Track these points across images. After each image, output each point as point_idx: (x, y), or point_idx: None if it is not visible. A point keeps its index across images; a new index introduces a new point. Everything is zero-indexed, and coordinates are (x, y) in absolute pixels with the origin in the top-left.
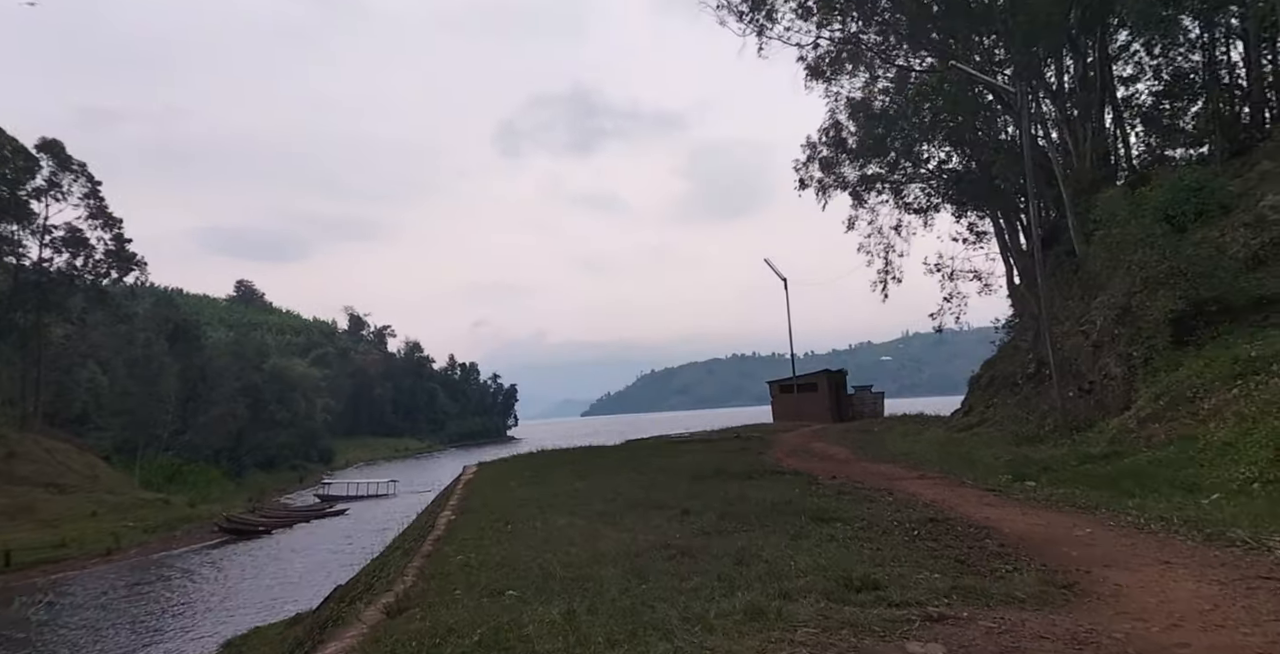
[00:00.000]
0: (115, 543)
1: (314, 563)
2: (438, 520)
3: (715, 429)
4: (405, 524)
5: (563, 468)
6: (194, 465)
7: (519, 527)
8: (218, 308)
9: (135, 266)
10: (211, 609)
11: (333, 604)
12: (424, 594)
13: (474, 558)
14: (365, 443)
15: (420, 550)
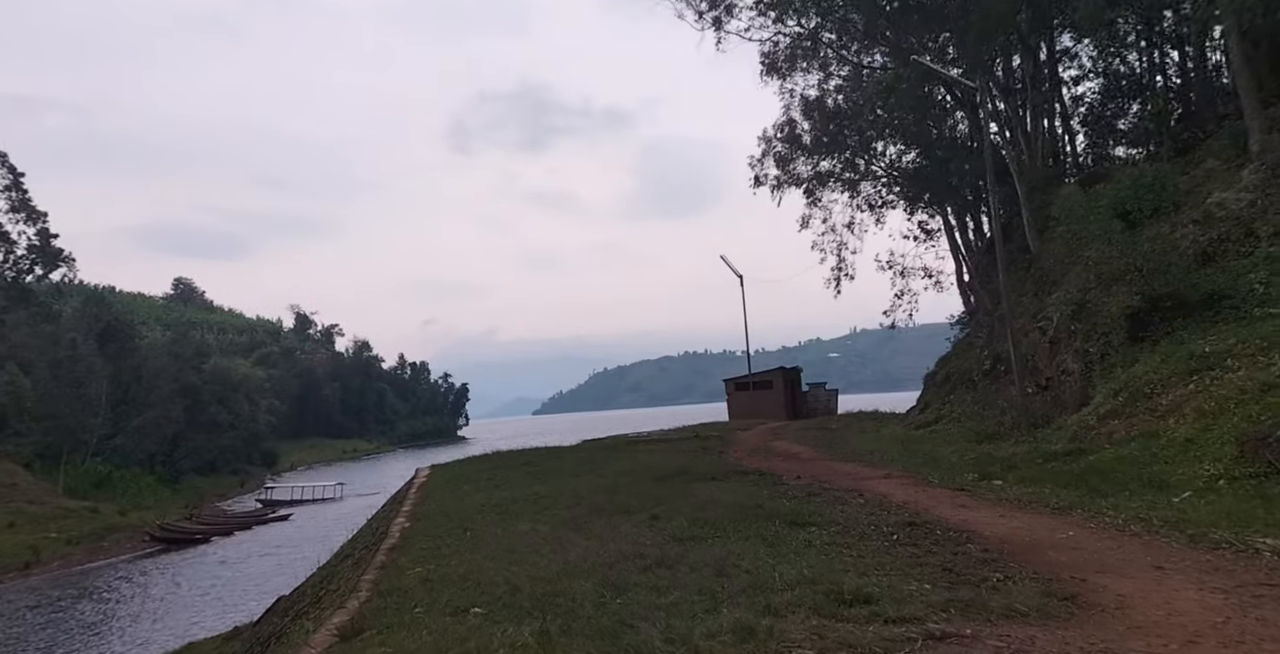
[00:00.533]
0: (34, 556)
1: (255, 572)
2: (391, 527)
3: (672, 428)
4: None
5: (519, 470)
6: (125, 471)
7: (479, 534)
8: (154, 307)
9: (62, 263)
10: (139, 623)
11: (275, 617)
12: (380, 613)
13: (433, 571)
14: (312, 445)
15: (373, 562)
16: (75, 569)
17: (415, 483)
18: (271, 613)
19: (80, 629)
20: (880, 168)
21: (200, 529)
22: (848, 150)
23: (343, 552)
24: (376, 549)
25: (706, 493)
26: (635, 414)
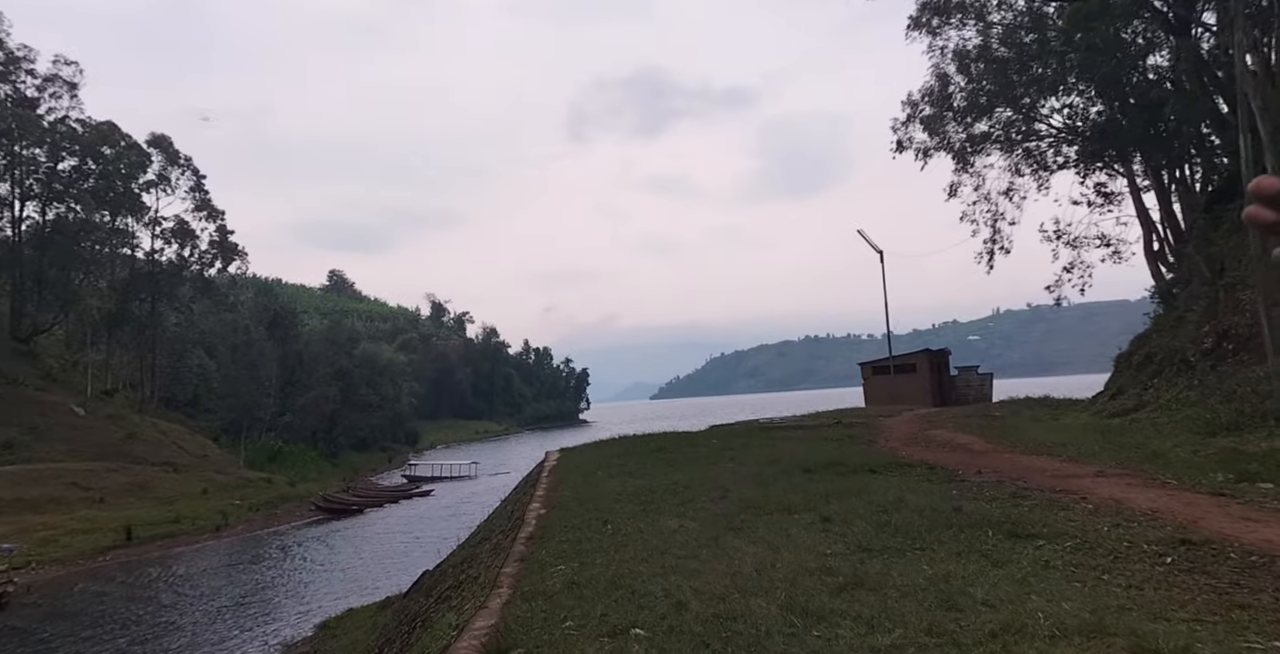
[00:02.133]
0: (224, 520)
1: (404, 543)
2: (526, 514)
3: (805, 414)
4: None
5: (652, 457)
6: (293, 446)
7: (622, 529)
8: (313, 296)
9: (237, 257)
10: (309, 586)
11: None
12: (526, 624)
13: (578, 571)
14: (447, 425)
15: (512, 551)
16: (257, 533)
17: (546, 467)
18: (418, 588)
19: (261, 588)
20: (1051, 124)
21: (356, 501)
22: (1012, 106)
23: (479, 533)
24: (514, 537)
25: (880, 490)
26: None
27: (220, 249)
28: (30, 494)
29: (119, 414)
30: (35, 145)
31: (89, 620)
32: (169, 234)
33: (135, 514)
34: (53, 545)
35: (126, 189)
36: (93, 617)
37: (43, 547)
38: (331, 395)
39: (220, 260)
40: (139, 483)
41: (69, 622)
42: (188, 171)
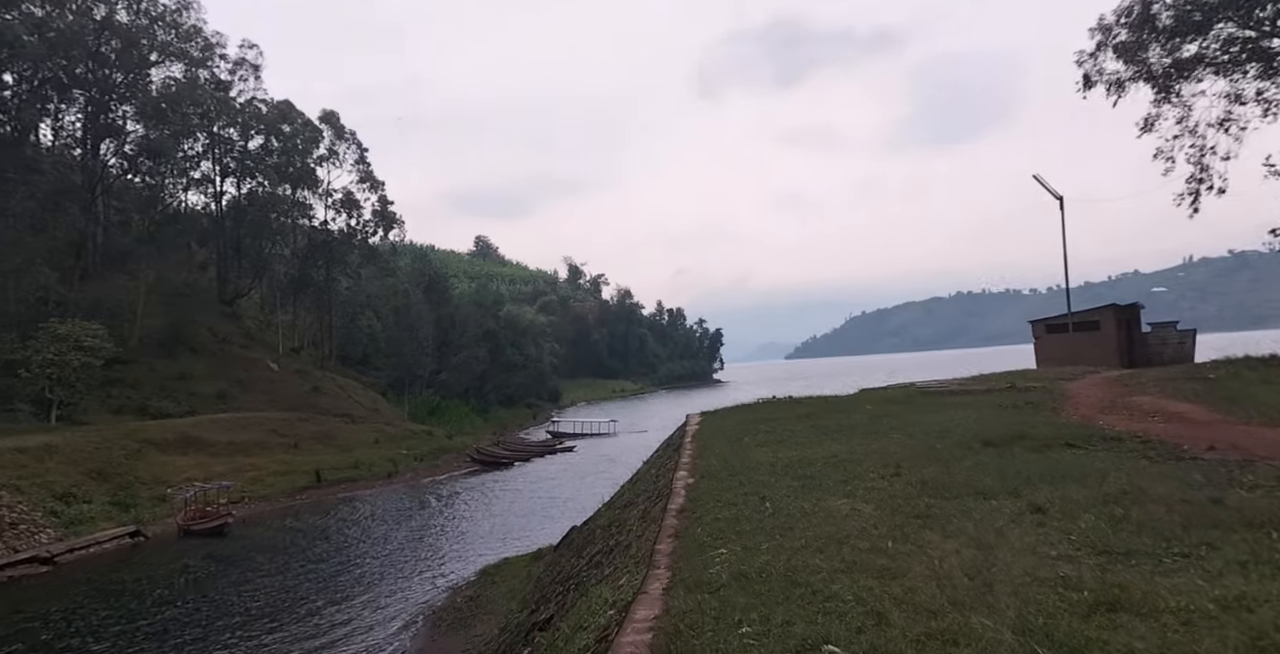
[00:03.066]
0: (394, 468)
1: (551, 497)
2: (674, 483)
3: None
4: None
5: (800, 423)
6: (449, 402)
7: (783, 508)
8: (461, 262)
9: (396, 225)
10: (467, 533)
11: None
12: (696, 627)
13: (743, 558)
14: (585, 384)
15: (664, 525)
16: (422, 481)
17: (688, 431)
18: (566, 543)
19: (427, 531)
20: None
21: (506, 454)
22: (1239, 20)
23: (623, 495)
24: (663, 508)
25: (1096, 471)
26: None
27: (381, 218)
28: (240, 438)
29: (305, 370)
30: (230, 126)
31: (289, 551)
32: (338, 205)
33: (322, 459)
34: (259, 484)
35: (304, 164)
36: (292, 548)
37: (251, 485)
38: (481, 355)
39: (381, 229)
40: (324, 432)
41: (273, 551)
42: (352, 145)
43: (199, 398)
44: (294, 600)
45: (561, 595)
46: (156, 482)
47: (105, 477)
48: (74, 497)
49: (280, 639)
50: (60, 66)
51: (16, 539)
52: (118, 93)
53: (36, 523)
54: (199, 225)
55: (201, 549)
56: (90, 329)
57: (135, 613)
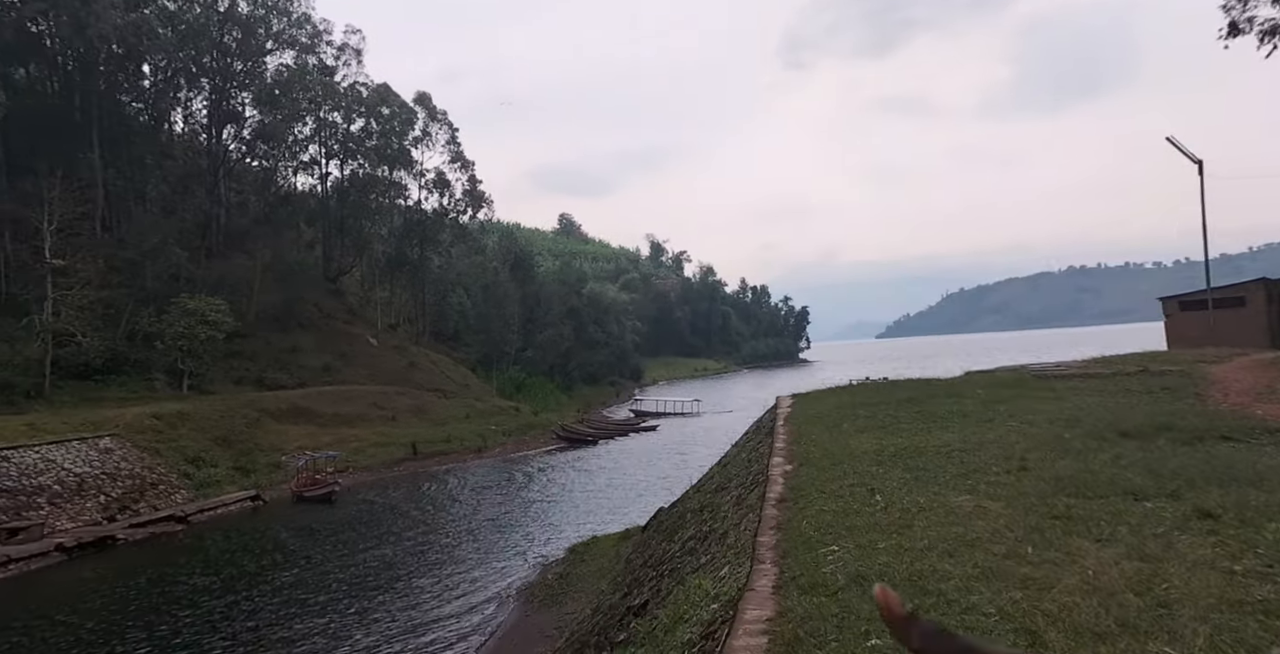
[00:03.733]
0: (483, 443)
1: (636, 476)
2: (770, 470)
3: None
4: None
5: (903, 408)
6: (534, 378)
7: (896, 503)
8: (545, 240)
9: (484, 204)
10: (554, 509)
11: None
12: (819, 635)
13: (858, 558)
14: (667, 362)
15: (764, 515)
16: (510, 456)
17: (780, 414)
18: (655, 525)
19: (517, 505)
20: None
21: (591, 432)
22: None
23: (713, 479)
24: (761, 496)
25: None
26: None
27: (470, 197)
28: (343, 410)
29: (401, 345)
30: (335, 109)
31: (388, 521)
32: (431, 185)
33: (417, 432)
34: (360, 454)
35: (400, 145)
36: (391, 518)
37: (354, 455)
38: (565, 333)
39: (471, 208)
40: (419, 405)
41: (374, 520)
42: (444, 126)
43: (307, 370)
44: (394, 569)
45: (655, 581)
46: (272, 449)
47: (228, 443)
48: (203, 461)
49: (383, 605)
50: (190, 57)
51: (157, 498)
52: (238, 80)
53: (172, 484)
54: (307, 206)
55: (311, 515)
56: (215, 304)
57: (256, 573)
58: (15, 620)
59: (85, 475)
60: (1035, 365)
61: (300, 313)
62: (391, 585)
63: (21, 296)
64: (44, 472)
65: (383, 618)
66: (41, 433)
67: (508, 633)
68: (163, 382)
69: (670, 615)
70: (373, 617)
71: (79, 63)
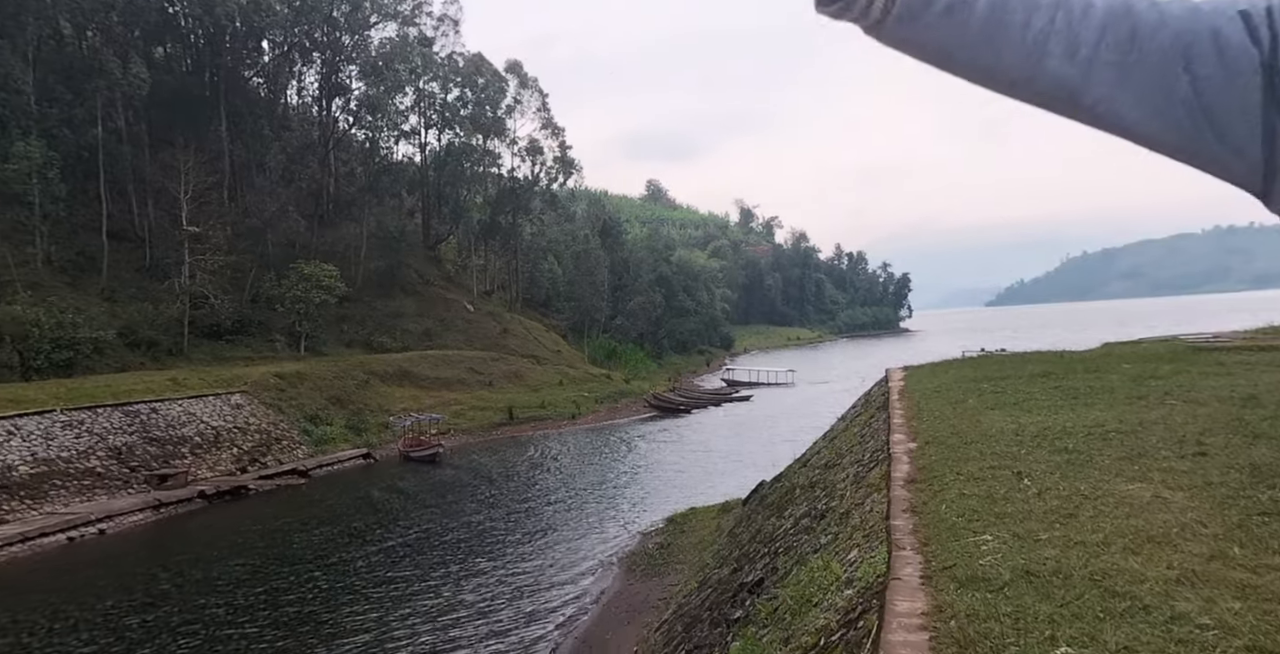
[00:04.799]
0: (577, 409)
1: (731, 447)
2: (891, 447)
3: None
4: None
5: (1036, 383)
6: (624, 346)
7: (1049, 489)
8: (633, 206)
9: (574, 171)
10: (650, 478)
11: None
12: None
13: (1020, 550)
14: (758, 331)
15: (893, 496)
16: (603, 424)
17: (892, 388)
18: (757, 498)
19: (612, 474)
20: None
21: (683, 401)
22: None
23: (820, 455)
24: (885, 475)
25: None
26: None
27: (561, 164)
28: (444, 375)
29: (496, 312)
30: (433, 80)
31: (490, 481)
32: (523, 152)
33: (514, 398)
34: (461, 418)
35: (494, 114)
36: (492, 479)
37: (455, 418)
38: (655, 300)
39: (561, 174)
40: (514, 371)
41: (477, 480)
42: (535, 93)
43: (409, 335)
44: (496, 531)
45: (768, 558)
46: (379, 410)
47: (342, 403)
48: (320, 419)
49: (487, 566)
50: (304, 32)
51: (281, 453)
52: (345, 54)
53: (294, 440)
54: (407, 175)
55: (417, 474)
56: (327, 270)
57: (369, 528)
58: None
59: (220, 429)
60: (1189, 335)
61: (402, 279)
62: (494, 547)
63: (163, 261)
64: (186, 424)
65: (488, 580)
66: (183, 388)
67: (612, 600)
68: (282, 343)
69: (795, 597)
70: (478, 577)
71: (208, 41)
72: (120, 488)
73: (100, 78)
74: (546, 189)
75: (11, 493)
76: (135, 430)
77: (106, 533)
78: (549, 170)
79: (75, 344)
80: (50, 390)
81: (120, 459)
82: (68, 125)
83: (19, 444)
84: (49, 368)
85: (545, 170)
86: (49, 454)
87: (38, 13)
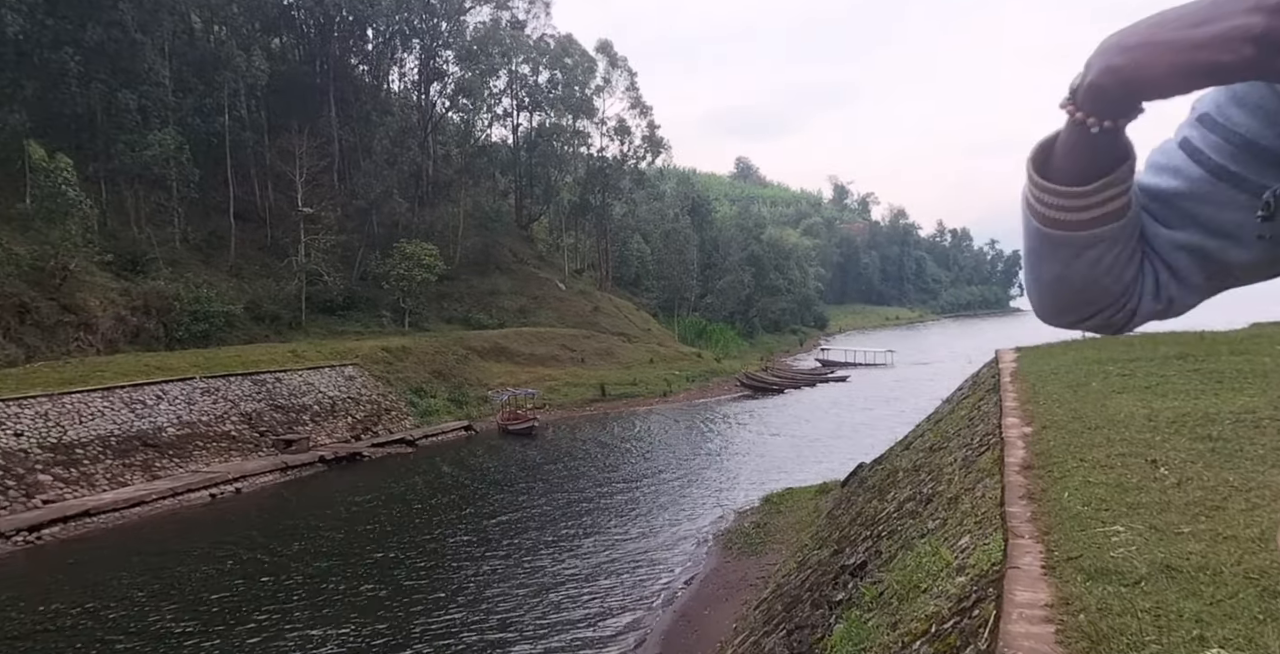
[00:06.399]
0: (668, 387)
1: (827, 428)
2: (1005, 431)
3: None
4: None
5: (1170, 366)
6: (715, 325)
7: (1190, 478)
8: (722, 184)
9: (663, 150)
10: (743, 458)
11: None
12: (1132, 638)
13: (1157, 544)
14: (854, 310)
15: (1008, 482)
16: (695, 402)
17: (1003, 369)
18: (856, 480)
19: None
20: None
21: (777, 381)
22: None
23: (924, 437)
24: (998, 460)
25: None
26: None
27: (649, 143)
28: (538, 351)
29: (586, 290)
30: (525, 63)
31: (586, 454)
32: (612, 132)
33: (605, 375)
34: (555, 393)
35: (583, 94)
36: (588, 452)
37: (549, 394)
38: (745, 279)
39: (650, 153)
40: (605, 349)
41: (573, 454)
42: (624, 72)
43: (505, 312)
44: (592, 503)
45: (870, 541)
46: (478, 384)
47: (444, 377)
48: (424, 391)
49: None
50: (404, 19)
51: (390, 423)
52: (442, 39)
53: (401, 411)
54: (500, 156)
55: (515, 447)
56: (427, 249)
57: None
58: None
59: (336, 398)
60: None
61: (497, 258)
62: (590, 521)
63: (282, 240)
64: (306, 393)
65: (586, 553)
66: (302, 359)
67: (709, 577)
68: (388, 318)
69: (901, 582)
70: (576, 550)
71: (318, 31)
72: (252, 451)
73: (227, 69)
74: (635, 168)
75: (161, 452)
76: (263, 398)
77: (242, 492)
78: (637, 149)
79: (210, 317)
80: (190, 359)
81: (251, 424)
82: (199, 114)
83: (166, 408)
84: (189, 339)
85: (634, 150)
86: (191, 417)
87: (172, 9)
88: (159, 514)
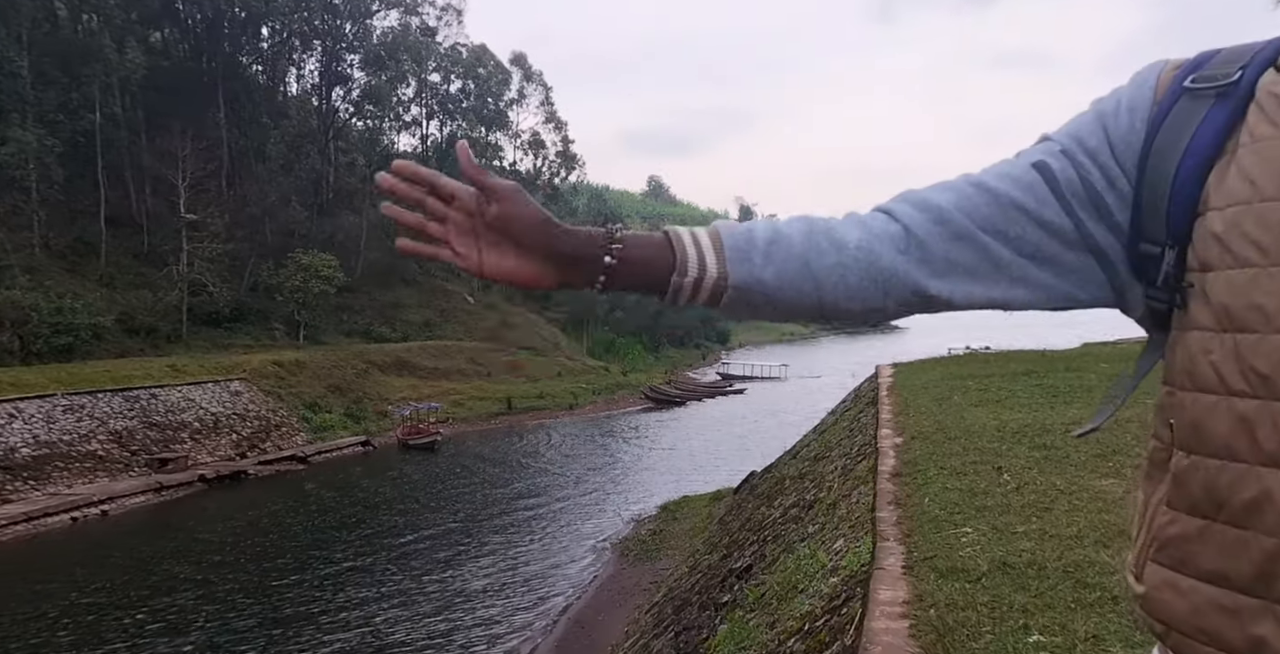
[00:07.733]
0: (574, 400)
1: (723, 438)
2: (879, 441)
3: None
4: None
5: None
6: (623, 340)
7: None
8: (635, 201)
9: (577, 165)
10: (644, 467)
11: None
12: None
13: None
14: (755, 326)
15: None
16: (600, 414)
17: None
18: (747, 488)
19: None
20: None
21: (678, 394)
22: None
23: (810, 447)
24: (872, 468)
25: None
26: None
27: (563, 158)
28: (443, 365)
29: (495, 303)
30: (436, 71)
31: (489, 467)
32: (526, 146)
33: (512, 388)
34: (460, 407)
35: (497, 106)
36: (492, 465)
37: (454, 407)
38: None
39: (564, 169)
40: (512, 363)
41: (476, 467)
42: (539, 86)
43: (409, 325)
44: (493, 517)
45: (757, 546)
46: (379, 398)
47: (341, 391)
48: (319, 406)
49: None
50: (303, 19)
51: (280, 439)
52: (346, 43)
53: (293, 426)
54: None
55: (416, 461)
56: (326, 260)
57: (367, 514)
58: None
59: (220, 415)
60: None
61: (403, 270)
62: (489, 533)
63: (160, 248)
64: (185, 409)
65: (483, 564)
66: (181, 374)
67: (605, 583)
68: (281, 331)
69: (781, 583)
70: (474, 562)
71: (206, 26)
72: (122, 471)
73: (96, 62)
74: (549, 182)
75: (14, 474)
76: (135, 415)
77: (109, 514)
78: (551, 164)
79: (74, 329)
80: (50, 374)
81: (121, 443)
82: (64, 110)
83: (21, 427)
84: (49, 352)
85: (548, 164)
86: (50, 437)
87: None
88: (12, 540)
